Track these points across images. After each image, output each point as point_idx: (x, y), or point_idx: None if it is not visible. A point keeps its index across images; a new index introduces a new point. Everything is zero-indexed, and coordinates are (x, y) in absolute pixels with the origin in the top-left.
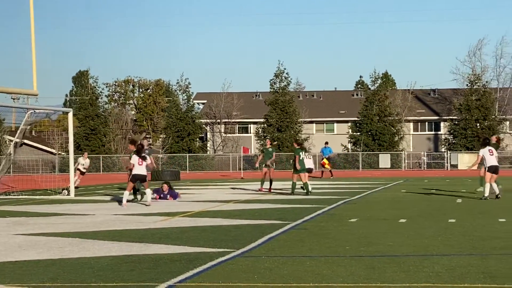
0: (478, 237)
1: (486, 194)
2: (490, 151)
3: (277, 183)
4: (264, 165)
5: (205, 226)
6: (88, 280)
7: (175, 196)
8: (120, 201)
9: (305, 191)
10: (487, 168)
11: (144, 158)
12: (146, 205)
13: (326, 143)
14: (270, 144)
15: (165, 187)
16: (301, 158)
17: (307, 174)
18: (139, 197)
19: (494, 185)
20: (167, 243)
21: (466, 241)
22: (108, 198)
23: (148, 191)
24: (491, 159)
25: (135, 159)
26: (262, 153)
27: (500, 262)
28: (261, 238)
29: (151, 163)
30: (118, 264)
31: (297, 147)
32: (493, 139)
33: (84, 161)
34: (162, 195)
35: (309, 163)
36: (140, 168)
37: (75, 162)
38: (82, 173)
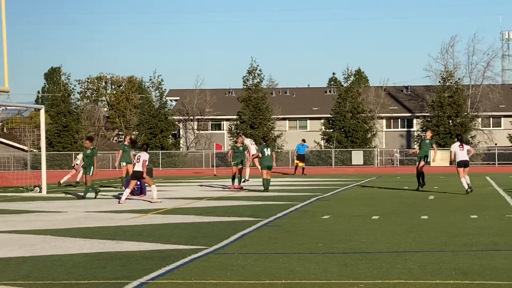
0: (450, 233)
1: (466, 187)
2: (461, 146)
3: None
4: (234, 163)
5: (177, 223)
6: (60, 278)
7: (143, 188)
8: (82, 198)
9: (264, 187)
10: (457, 164)
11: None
12: (152, 202)
13: (304, 140)
14: (242, 142)
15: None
16: (265, 155)
17: (268, 171)
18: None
19: (463, 180)
20: (139, 240)
21: (438, 238)
22: (80, 195)
23: (154, 187)
24: (461, 154)
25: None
26: (232, 150)
27: (471, 259)
28: (233, 235)
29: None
30: (90, 261)
31: (263, 144)
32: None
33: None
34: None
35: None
36: (137, 165)
37: (74, 158)
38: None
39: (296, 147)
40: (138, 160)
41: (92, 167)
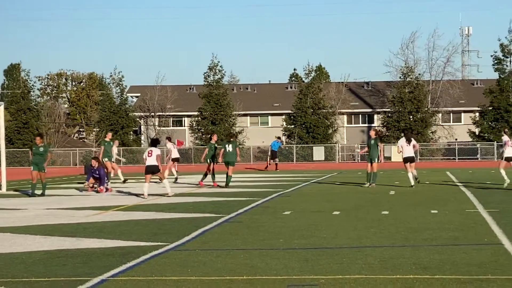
0: (411, 228)
1: (412, 182)
2: (407, 142)
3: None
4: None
5: (138, 220)
6: (20, 276)
7: (103, 174)
8: (31, 195)
9: (225, 183)
10: (403, 159)
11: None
12: (169, 196)
13: (278, 137)
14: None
15: (94, 162)
16: (227, 151)
17: (231, 167)
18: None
19: (410, 175)
20: (100, 237)
21: (398, 233)
22: (40, 192)
23: (166, 182)
24: (408, 150)
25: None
26: (207, 148)
27: (431, 253)
28: (195, 231)
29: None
30: (50, 259)
31: (224, 140)
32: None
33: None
34: (92, 171)
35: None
36: (149, 160)
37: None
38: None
39: (271, 143)
40: (150, 155)
41: (44, 164)
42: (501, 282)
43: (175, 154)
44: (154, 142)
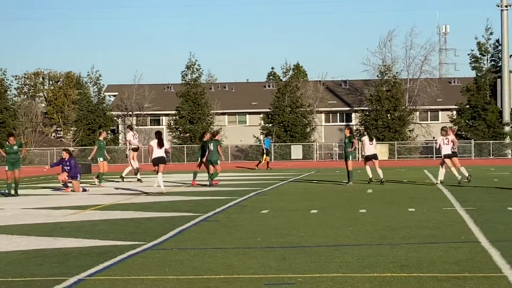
0: (388, 227)
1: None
2: (370, 141)
3: (185, 175)
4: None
5: (116, 219)
6: None
7: (75, 166)
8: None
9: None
10: (365, 157)
11: (162, 144)
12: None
13: (267, 135)
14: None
15: (64, 153)
16: (210, 149)
17: (216, 165)
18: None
19: (379, 171)
20: (77, 236)
21: (376, 231)
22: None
23: (159, 175)
24: (370, 149)
25: (154, 142)
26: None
27: (409, 252)
28: (172, 230)
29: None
30: (27, 258)
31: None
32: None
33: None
34: (63, 163)
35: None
36: (160, 151)
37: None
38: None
39: (264, 141)
40: (159, 147)
41: (19, 162)
42: (478, 279)
43: (134, 144)
44: (160, 135)
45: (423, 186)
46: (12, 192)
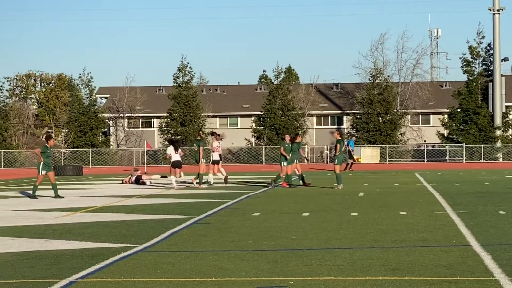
0: (380, 230)
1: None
2: (176, 150)
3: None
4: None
5: (107, 221)
6: None
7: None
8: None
9: (203, 181)
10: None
11: (177, 149)
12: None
13: (351, 135)
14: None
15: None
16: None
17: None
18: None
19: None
20: (68, 238)
21: (367, 234)
22: (9, 194)
23: (173, 178)
24: (176, 156)
25: (171, 149)
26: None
27: (400, 255)
28: (164, 233)
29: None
30: (19, 260)
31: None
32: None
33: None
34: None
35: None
36: (177, 156)
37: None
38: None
39: (346, 143)
40: (176, 152)
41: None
42: (469, 283)
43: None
44: (175, 142)
45: (415, 189)
46: (36, 193)
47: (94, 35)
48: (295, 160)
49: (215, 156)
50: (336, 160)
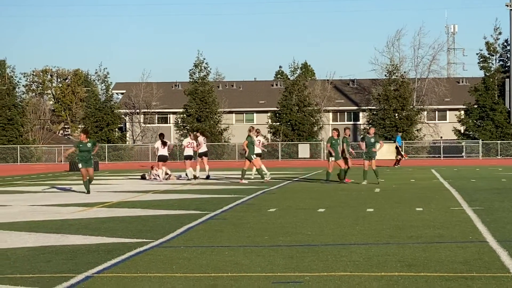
0: (395, 226)
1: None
2: (162, 145)
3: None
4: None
5: (123, 217)
6: (4, 272)
7: None
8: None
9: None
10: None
11: (165, 144)
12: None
13: (398, 131)
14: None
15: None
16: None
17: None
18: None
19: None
20: (84, 234)
21: (383, 230)
22: (25, 189)
23: (164, 169)
24: (162, 151)
25: (158, 144)
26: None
27: (416, 251)
28: (179, 228)
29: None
30: (35, 255)
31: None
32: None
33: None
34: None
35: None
36: (163, 150)
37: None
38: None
39: (395, 139)
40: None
41: (92, 160)
42: (486, 279)
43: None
44: (163, 138)
45: (431, 185)
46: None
47: (111, 31)
48: (343, 155)
49: (257, 150)
50: (364, 156)
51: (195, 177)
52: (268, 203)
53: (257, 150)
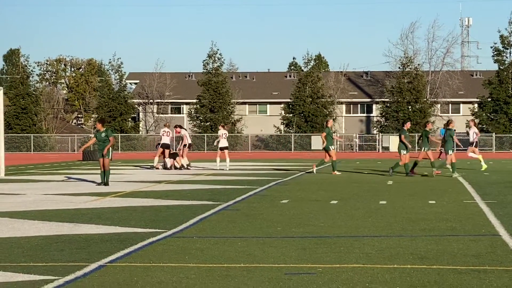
0: (408, 218)
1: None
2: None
3: (207, 164)
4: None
5: (136, 207)
6: (18, 260)
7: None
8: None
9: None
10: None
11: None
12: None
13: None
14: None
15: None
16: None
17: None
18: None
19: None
20: (98, 223)
21: (396, 223)
22: (39, 178)
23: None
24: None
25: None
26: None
27: (429, 244)
28: (192, 218)
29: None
30: (48, 244)
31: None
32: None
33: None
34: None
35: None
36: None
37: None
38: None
39: (440, 131)
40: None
41: (105, 150)
42: (498, 273)
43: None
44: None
45: (444, 178)
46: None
47: (125, 21)
48: (424, 148)
49: (222, 143)
50: (401, 151)
51: (182, 167)
52: (281, 194)
53: (223, 143)
